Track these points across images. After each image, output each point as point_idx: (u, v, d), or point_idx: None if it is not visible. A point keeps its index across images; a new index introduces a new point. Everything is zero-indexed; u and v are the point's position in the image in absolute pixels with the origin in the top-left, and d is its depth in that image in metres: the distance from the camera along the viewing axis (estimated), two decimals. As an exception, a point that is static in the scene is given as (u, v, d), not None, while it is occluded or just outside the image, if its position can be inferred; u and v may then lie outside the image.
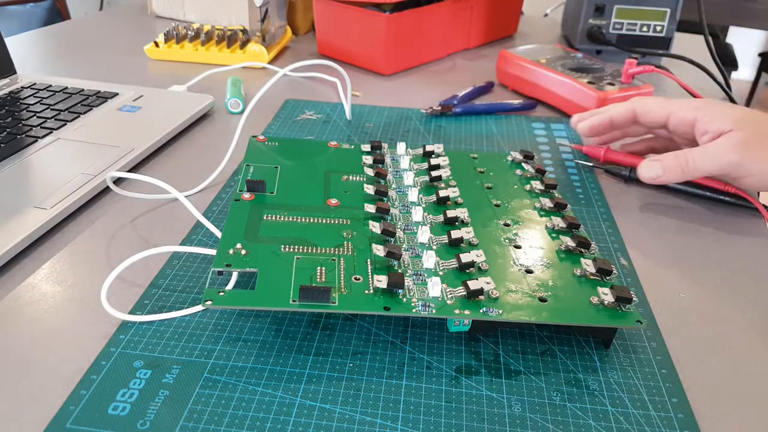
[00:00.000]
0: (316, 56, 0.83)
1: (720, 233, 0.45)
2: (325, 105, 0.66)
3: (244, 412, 0.29)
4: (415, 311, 0.32)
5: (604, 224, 0.46)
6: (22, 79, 0.65)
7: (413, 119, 0.63)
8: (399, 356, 0.33)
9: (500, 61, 0.72)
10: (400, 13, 0.72)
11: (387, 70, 0.76)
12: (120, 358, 0.32)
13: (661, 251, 0.43)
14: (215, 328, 0.34)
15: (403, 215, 0.41)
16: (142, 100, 0.61)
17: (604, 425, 0.30)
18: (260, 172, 0.44)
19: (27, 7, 1.71)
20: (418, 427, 0.29)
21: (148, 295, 0.37)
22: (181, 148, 0.56)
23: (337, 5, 0.75)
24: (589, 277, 0.36)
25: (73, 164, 0.48)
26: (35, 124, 0.55)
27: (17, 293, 0.37)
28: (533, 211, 0.42)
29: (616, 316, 0.33)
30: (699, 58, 0.73)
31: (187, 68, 0.76)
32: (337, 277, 0.34)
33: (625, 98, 0.60)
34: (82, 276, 0.38)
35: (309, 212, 0.40)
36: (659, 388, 0.32)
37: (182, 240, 0.42)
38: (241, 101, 0.63)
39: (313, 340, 0.34)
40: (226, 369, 0.32)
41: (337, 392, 0.31)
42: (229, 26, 0.84)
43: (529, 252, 0.38)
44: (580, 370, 0.33)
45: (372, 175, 0.45)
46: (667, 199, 0.50)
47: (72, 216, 0.44)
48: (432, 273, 0.35)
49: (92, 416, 0.29)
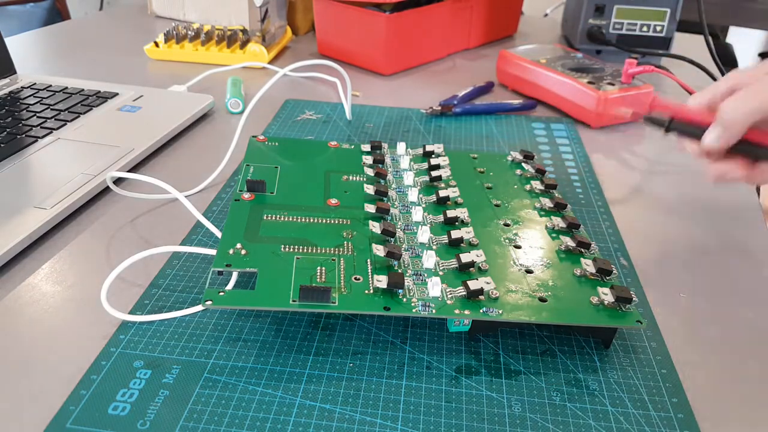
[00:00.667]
0: (316, 56, 0.83)
1: (720, 233, 0.45)
2: (325, 105, 0.66)
3: (244, 412, 0.29)
4: (415, 311, 0.32)
5: (604, 224, 0.46)
6: (22, 79, 0.65)
7: (413, 119, 0.63)
8: (399, 356, 0.33)
9: (500, 61, 0.72)
10: (400, 13, 0.72)
11: (387, 70, 0.76)
12: (120, 358, 0.32)
13: (661, 251, 0.43)
14: (215, 328, 0.34)
15: (403, 215, 0.41)
16: (142, 100, 0.61)
17: (604, 425, 0.30)
18: (260, 172, 0.44)
19: (27, 7, 1.71)
20: (418, 427, 0.29)
21: (148, 295, 0.37)
22: (181, 148, 0.56)
23: (337, 5, 0.75)
24: (589, 277, 0.36)
25: (73, 164, 0.48)
26: (35, 124, 0.55)
27: (17, 293, 0.37)
28: (533, 211, 0.42)
29: (616, 316, 0.33)
30: (699, 58, 0.73)
31: (187, 68, 0.76)
32: (337, 277, 0.34)
33: (625, 98, 0.61)
34: (82, 276, 0.38)
35: (309, 212, 0.40)
36: (659, 388, 0.32)
37: (182, 240, 0.42)
38: (241, 101, 0.63)
39: (313, 340, 0.34)
40: (226, 369, 0.32)
41: (337, 392, 0.31)
42: (229, 26, 0.84)
43: (529, 252, 0.38)
44: (580, 370, 0.33)
45: (372, 175, 0.45)
46: (668, 198, 0.50)
47: (72, 216, 0.44)
48: (432, 273, 0.35)
49: (92, 416, 0.29)
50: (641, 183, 0.52)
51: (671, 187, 0.51)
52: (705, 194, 0.50)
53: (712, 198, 0.50)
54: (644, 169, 0.54)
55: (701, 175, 0.53)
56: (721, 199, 0.50)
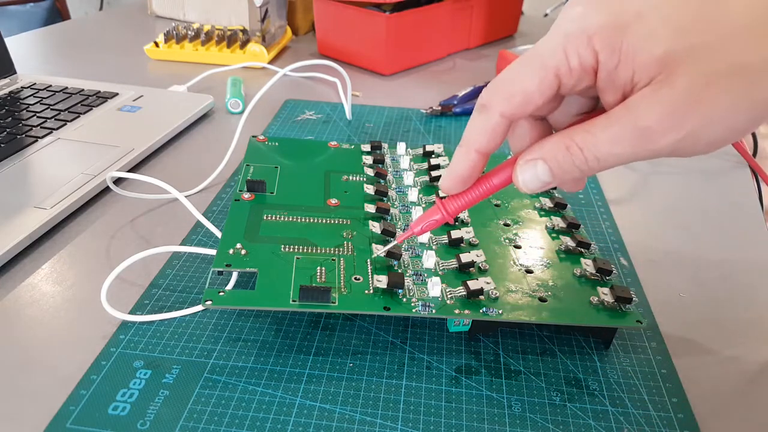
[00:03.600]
0: (316, 56, 0.83)
1: (720, 233, 0.45)
2: (325, 105, 0.66)
3: (244, 412, 0.29)
4: (415, 311, 0.32)
5: (604, 224, 0.46)
6: (22, 79, 0.65)
7: (413, 119, 0.63)
8: (399, 356, 0.33)
9: (500, 61, 0.72)
10: (400, 13, 0.72)
11: (387, 70, 0.76)
12: (120, 358, 0.32)
13: (661, 251, 0.43)
14: (215, 328, 0.34)
15: (403, 215, 0.41)
16: (142, 100, 0.61)
17: (604, 425, 0.30)
18: (260, 172, 0.44)
19: (27, 7, 1.71)
20: (418, 427, 0.29)
21: (148, 295, 0.37)
22: (181, 148, 0.56)
23: (337, 5, 0.75)
24: (589, 277, 0.36)
25: (73, 164, 0.48)
26: (35, 124, 0.55)
27: (17, 293, 0.37)
28: (533, 211, 0.42)
29: (616, 316, 0.33)
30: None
31: (187, 68, 0.76)
32: (337, 277, 0.34)
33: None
34: (82, 276, 0.38)
35: (309, 212, 0.40)
36: (659, 388, 0.32)
37: (182, 240, 0.42)
38: (241, 101, 0.63)
39: (313, 340, 0.34)
40: (226, 369, 0.32)
41: (337, 392, 0.31)
42: (229, 26, 0.84)
43: (529, 252, 0.38)
44: (580, 370, 0.33)
45: (372, 175, 0.45)
46: (668, 198, 0.50)
47: (72, 216, 0.44)
48: (432, 273, 0.35)
49: (92, 416, 0.29)
50: (641, 183, 0.52)
51: (671, 187, 0.51)
52: (705, 194, 0.50)
53: (712, 198, 0.50)
54: (644, 169, 0.54)
55: (701, 175, 0.53)
56: (721, 199, 0.50)
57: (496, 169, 0.28)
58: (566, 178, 0.25)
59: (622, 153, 0.23)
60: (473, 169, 0.28)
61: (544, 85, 0.24)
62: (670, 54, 0.22)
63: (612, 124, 0.23)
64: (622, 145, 0.23)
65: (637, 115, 0.22)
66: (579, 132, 0.24)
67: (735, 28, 0.21)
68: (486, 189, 0.29)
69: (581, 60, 0.23)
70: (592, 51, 0.23)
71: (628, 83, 0.23)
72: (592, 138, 0.24)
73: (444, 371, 0.32)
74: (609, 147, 0.23)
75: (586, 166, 0.24)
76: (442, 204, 0.30)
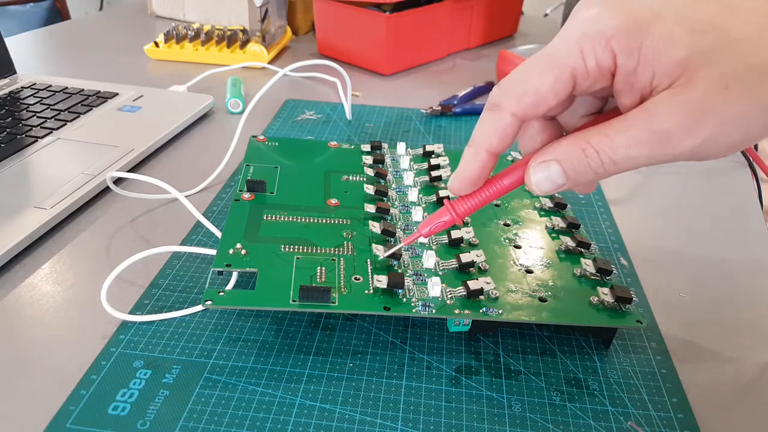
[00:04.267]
0: (316, 56, 0.83)
1: (720, 233, 0.45)
2: (325, 105, 0.66)
3: (244, 412, 0.29)
4: (415, 311, 0.32)
5: (604, 224, 0.46)
6: (22, 79, 0.65)
7: (413, 119, 0.63)
8: (399, 356, 0.33)
9: (500, 61, 0.72)
10: (400, 13, 0.72)
11: (387, 70, 0.76)
12: (120, 358, 0.32)
13: (661, 251, 0.43)
14: (215, 328, 0.34)
15: (403, 215, 0.41)
16: (142, 100, 0.61)
17: (604, 425, 0.30)
18: (260, 172, 0.44)
19: (27, 7, 1.71)
20: (418, 427, 0.29)
21: (148, 295, 0.37)
22: (181, 148, 0.56)
23: (337, 5, 0.75)
24: (589, 277, 0.36)
25: (73, 164, 0.48)
26: (35, 124, 0.55)
27: (17, 293, 0.37)
28: (533, 211, 0.42)
29: (616, 316, 0.33)
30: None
31: (187, 68, 0.76)
32: (337, 277, 0.34)
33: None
34: (82, 276, 0.38)
35: (309, 212, 0.40)
36: (659, 388, 0.32)
37: (182, 240, 0.42)
38: (241, 101, 0.63)
39: (313, 340, 0.34)
40: (226, 369, 0.32)
41: (337, 392, 0.31)
42: (229, 26, 0.84)
43: (529, 252, 0.38)
44: (580, 370, 0.33)
45: (372, 175, 0.45)
46: (669, 198, 0.50)
47: (72, 216, 0.44)
48: (432, 273, 0.35)
49: (92, 416, 0.29)
50: (641, 183, 0.52)
51: (671, 187, 0.51)
52: (705, 194, 0.50)
53: (712, 198, 0.50)
54: (644, 169, 0.54)
55: (701, 175, 0.53)
56: (722, 199, 0.50)
57: (507, 170, 0.28)
58: (580, 180, 0.25)
59: (638, 156, 0.23)
60: (483, 169, 0.28)
61: (559, 86, 0.24)
62: (691, 57, 0.22)
63: (629, 128, 0.23)
64: (639, 149, 0.23)
65: (657, 118, 0.22)
66: (594, 134, 0.24)
67: (750, 29, 0.21)
68: (496, 190, 0.28)
69: (599, 62, 0.23)
70: (611, 53, 0.23)
71: (647, 86, 0.23)
72: (608, 141, 0.23)
73: (444, 371, 0.32)
74: (626, 150, 0.23)
75: (601, 169, 0.24)
76: (452, 205, 0.30)
